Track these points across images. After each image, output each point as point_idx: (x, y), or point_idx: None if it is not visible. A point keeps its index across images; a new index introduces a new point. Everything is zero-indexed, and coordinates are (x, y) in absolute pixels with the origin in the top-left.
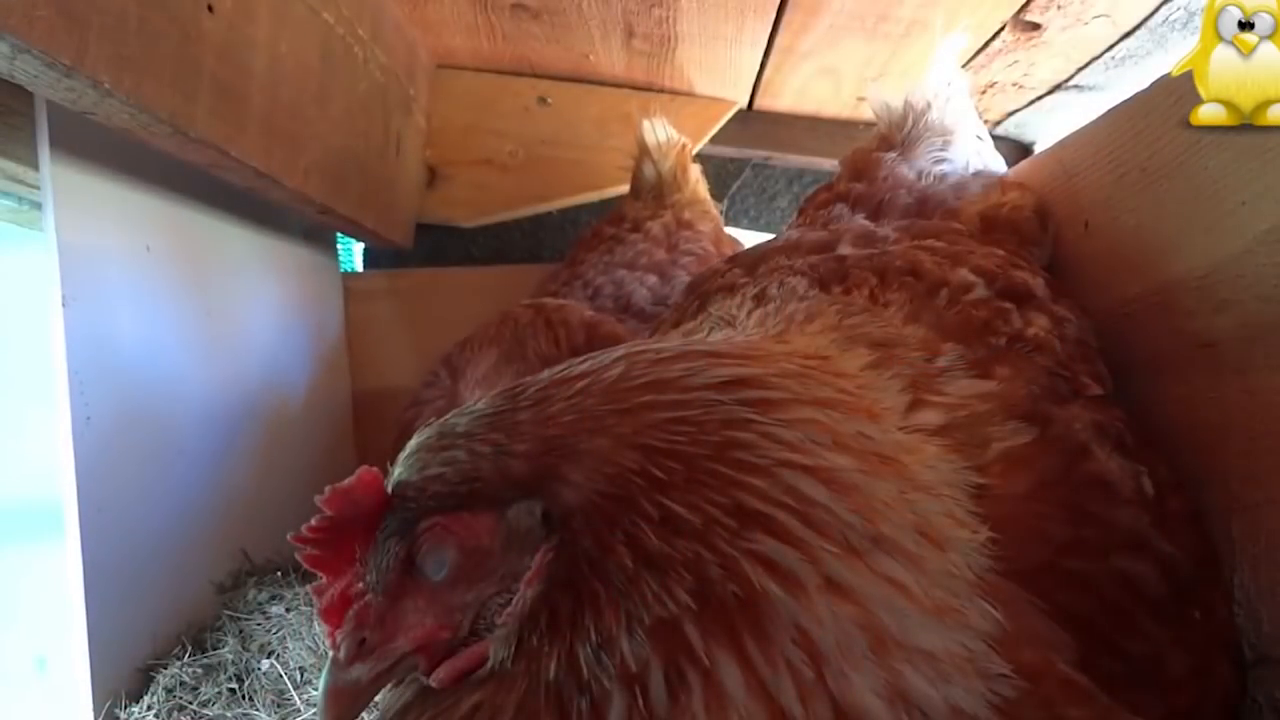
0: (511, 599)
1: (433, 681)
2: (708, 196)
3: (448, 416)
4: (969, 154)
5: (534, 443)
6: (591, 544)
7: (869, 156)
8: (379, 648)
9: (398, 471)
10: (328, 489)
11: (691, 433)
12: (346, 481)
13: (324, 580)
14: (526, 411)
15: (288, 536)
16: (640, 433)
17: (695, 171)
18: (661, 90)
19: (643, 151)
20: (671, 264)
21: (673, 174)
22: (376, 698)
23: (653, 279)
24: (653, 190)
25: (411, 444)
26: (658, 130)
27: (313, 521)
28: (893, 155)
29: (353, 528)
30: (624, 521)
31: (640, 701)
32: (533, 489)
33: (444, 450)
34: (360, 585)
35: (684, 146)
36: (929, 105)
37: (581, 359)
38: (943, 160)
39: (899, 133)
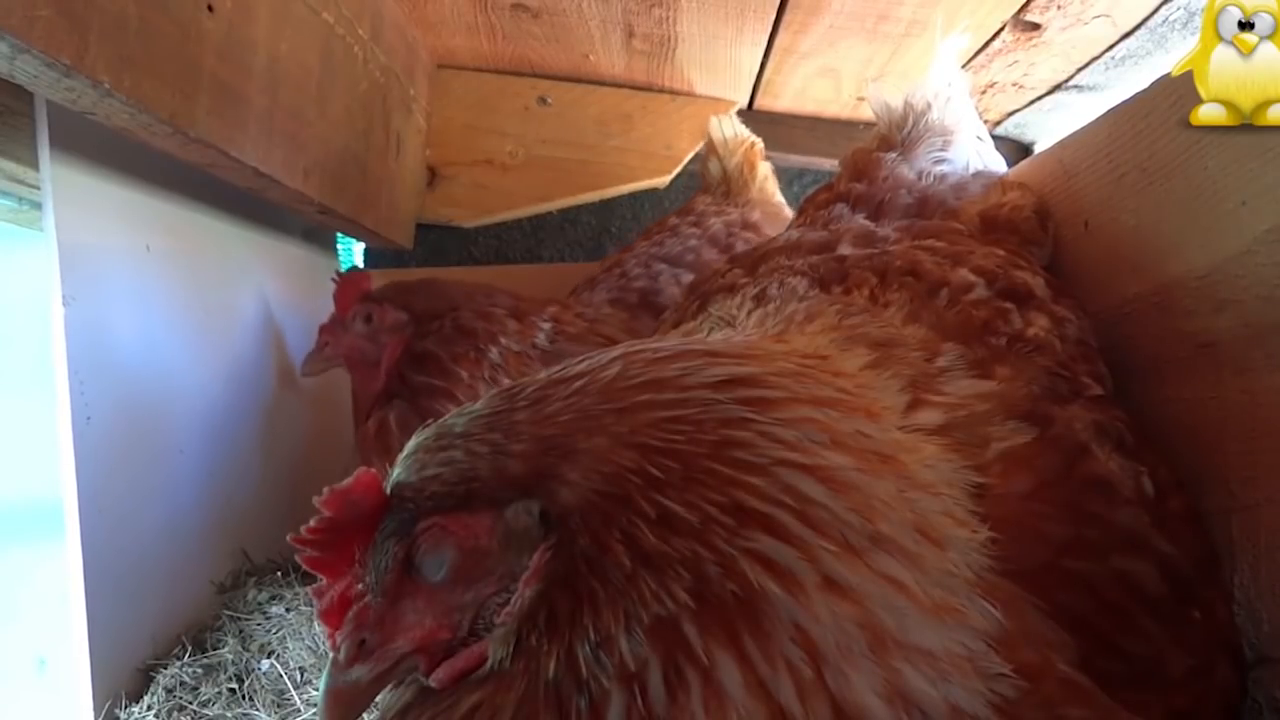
0: (510, 599)
1: (432, 682)
2: (781, 199)
3: (446, 417)
4: (969, 154)
5: (531, 442)
6: (589, 543)
7: (869, 156)
8: (379, 649)
9: (396, 472)
10: (326, 490)
11: (689, 431)
12: (345, 483)
13: (324, 581)
14: (524, 411)
15: (287, 537)
16: (637, 432)
17: (764, 169)
18: (661, 90)
19: (709, 147)
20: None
21: (739, 171)
22: (376, 698)
23: (690, 277)
24: (720, 187)
25: (410, 444)
26: (724, 126)
27: (312, 523)
28: (893, 155)
29: (352, 529)
30: (621, 520)
31: (639, 700)
32: (530, 488)
33: (442, 451)
34: (360, 586)
35: (752, 144)
36: (929, 105)
37: (579, 359)
38: (943, 160)
39: (899, 133)
